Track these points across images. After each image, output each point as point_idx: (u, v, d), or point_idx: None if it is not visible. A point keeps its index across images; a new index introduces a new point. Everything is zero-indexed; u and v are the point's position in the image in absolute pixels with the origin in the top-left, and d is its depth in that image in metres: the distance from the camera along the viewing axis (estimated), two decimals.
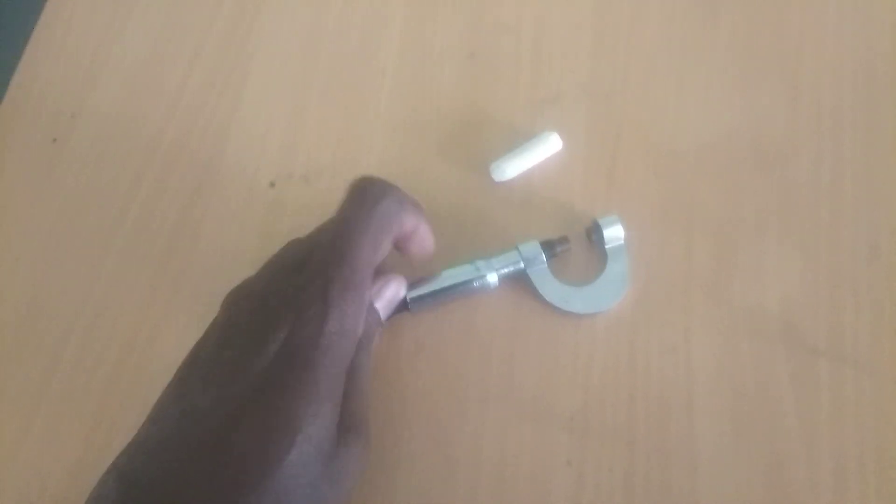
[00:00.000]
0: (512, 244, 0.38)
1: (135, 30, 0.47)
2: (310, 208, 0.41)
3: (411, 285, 0.37)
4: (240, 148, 0.43)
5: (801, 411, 0.35)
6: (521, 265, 0.37)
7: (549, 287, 0.37)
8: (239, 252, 0.40)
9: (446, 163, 0.42)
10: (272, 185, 0.42)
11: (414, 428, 0.36)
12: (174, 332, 0.38)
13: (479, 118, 0.43)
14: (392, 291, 0.36)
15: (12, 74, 0.46)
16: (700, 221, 0.39)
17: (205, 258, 0.40)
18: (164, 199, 0.42)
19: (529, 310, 0.38)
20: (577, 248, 0.39)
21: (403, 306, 0.37)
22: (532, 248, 0.37)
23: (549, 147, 0.41)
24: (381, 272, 0.36)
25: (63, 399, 0.37)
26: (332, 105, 0.44)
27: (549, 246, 0.38)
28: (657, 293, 0.38)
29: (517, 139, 0.41)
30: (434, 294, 0.37)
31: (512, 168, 0.40)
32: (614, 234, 0.38)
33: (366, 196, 0.32)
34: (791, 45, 0.43)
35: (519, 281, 0.38)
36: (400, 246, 0.35)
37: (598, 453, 0.34)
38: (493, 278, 0.37)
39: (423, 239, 0.35)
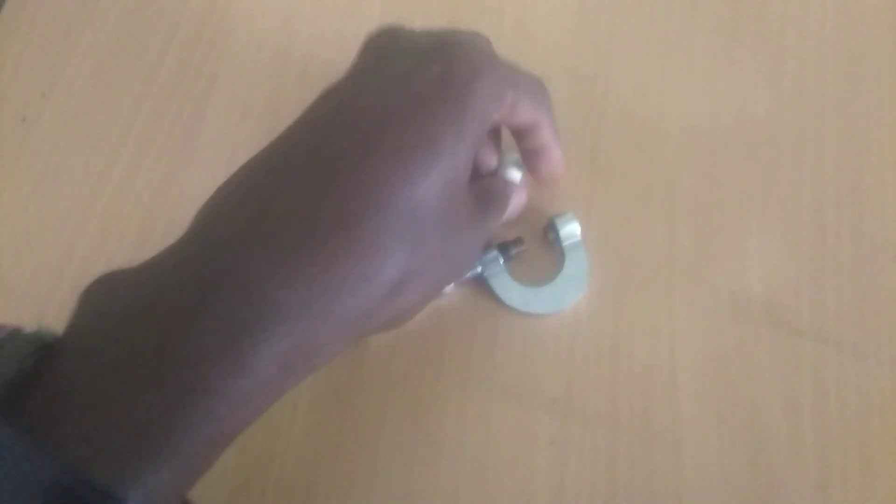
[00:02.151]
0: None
1: (108, 8, 0.45)
2: None
3: None
4: (216, 129, 0.42)
5: (784, 392, 0.35)
6: (479, 269, 0.36)
7: (508, 290, 0.37)
8: None
9: None
10: None
11: (396, 412, 0.35)
12: None
13: None
14: (520, 198, 0.36)
15: None
16: (683, 203, 0.39)
17: None
18: (139, 183, 0.41)
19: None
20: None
21: None
22: (488, 252, 0.36)
23: None
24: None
25: None
26: (311, 85, 0.42)
27: (504, 248, 0.37)
28: (640, 276, 0.37)
29: None
30: None
31: None
32: (571, 231, 0.37)
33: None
34: (774, 27, 0.43)
35: (476, 285, 0.37)
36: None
37: (581, 434, 0.34)
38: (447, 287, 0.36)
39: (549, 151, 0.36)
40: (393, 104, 0.27)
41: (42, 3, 0.46)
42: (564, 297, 0.37)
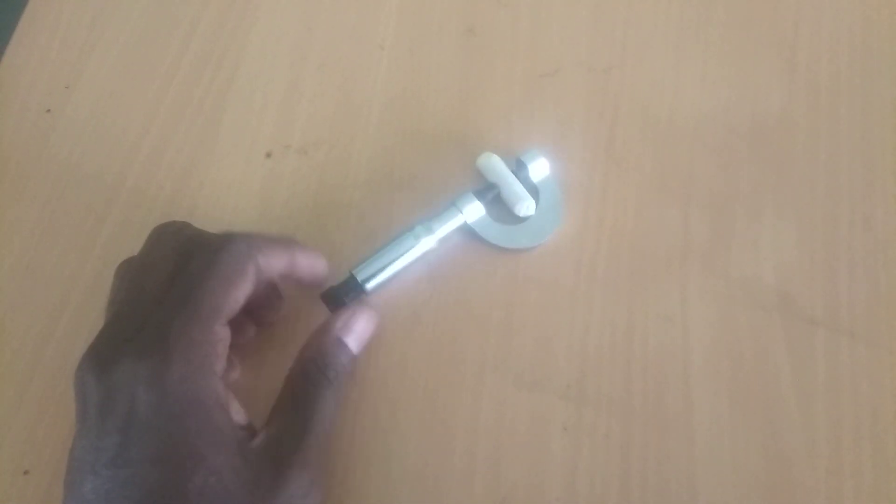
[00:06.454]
0: None
1: (132, 1, 0.46)
2: (307, 179, 0.41)
3: (357, 265, 0.37)
4: (236, 120, 0.43)
5: (797, 380, 0.35)
6: (463, 219, 0.38)
7: (492, 231, 0.38)
8: (235, 222, 0.40)
9: (442, 137, 0.42)
10: (269, 155, 0.42)
11: (411, 396, 0.36)
12: None
13: (477, 93, 0.43)
14: (362, 325, 0.35)
15: (6, 45, 0.46)
16: (697, 193, 0.39)
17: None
18: (161, 170, 0.42)
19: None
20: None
21: (360, 291, 0.36)
22: (467, 198, 0.38)
23: None
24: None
25: (58, 367, 0.37)
26: (329, 78, 0.44)
27: (480, 194, 0.38)
28: (654, 264, 0.38)
29: (515, 115, 0.41)
30: (384, 269, 0.37)
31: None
32: (539, 166, 0.39)
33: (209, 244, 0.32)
34: (788, 19, 0.43)
35: (463, 234, 0.39)
36: (287, 281, 0.35)
37: (594, 420, 0.34)
38: (433, 240, 0.37)
39: (309, 267, 0.35)
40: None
41: None
42: (544, 229, 0.39)
